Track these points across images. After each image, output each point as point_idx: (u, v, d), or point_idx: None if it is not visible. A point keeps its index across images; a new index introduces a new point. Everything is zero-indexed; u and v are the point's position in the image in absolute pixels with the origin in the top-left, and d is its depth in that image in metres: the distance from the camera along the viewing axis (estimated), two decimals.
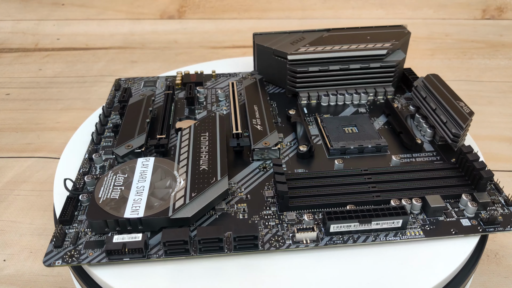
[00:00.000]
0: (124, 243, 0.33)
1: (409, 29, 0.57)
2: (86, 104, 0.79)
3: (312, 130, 0.47)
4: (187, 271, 0.33)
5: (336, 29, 0.57)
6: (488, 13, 1.09)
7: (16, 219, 0.55)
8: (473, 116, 0.43)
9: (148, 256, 0.33)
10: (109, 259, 0.33)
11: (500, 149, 0.65)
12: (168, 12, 1.12)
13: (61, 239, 0.35)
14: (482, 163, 0.37)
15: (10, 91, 0.84)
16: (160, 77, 0.60)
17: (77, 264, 0.33)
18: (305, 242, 0.34)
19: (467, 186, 0.38)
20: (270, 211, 0.37)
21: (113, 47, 1.01)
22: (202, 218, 0.37)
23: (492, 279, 0.46)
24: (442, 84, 0.47)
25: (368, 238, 0.35)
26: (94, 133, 0.46)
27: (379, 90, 0.52)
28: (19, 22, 1.09)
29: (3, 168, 0.63)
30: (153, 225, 0.35)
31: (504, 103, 0.76)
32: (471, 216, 0.36)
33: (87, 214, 0.35)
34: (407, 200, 0.37)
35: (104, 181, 0.38)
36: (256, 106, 0.49)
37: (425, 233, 0.35)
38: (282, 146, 0.45)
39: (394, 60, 0.52)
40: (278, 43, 0.54)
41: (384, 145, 0.44)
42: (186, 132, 0.45)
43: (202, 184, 0.37)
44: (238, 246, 0.33)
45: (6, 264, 0.49)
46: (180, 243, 0.33)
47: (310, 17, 1.10)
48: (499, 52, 0.95)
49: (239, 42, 1.02)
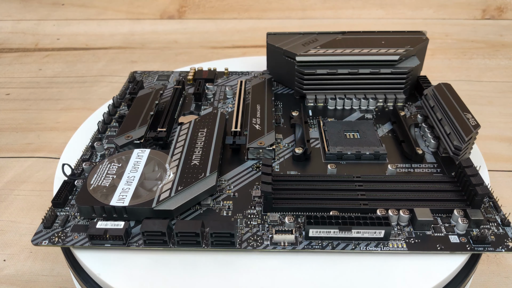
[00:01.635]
0: (106, 229, 0.34)
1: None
2: (86, 104, 0.79)
3: (313, 133, 0.47)
4: (164, 262, 0.34)
5: (352, 32, 0.56)
6: (488, 13, 1.09)
7: (16, 219, 0.55)
8: (478, 129, 0.41)
9: (128, 244, 0.34)
10: (92, 243, 0.34)
11: (500, 149, 0.65)
12: (168, 12, 1.12)
13: (51, 220, 0.36)
14: (480, 179, 0.36)
15: (10, 91, 0.84)
16: (174, 71, 0.61)
17: (62, 245, 0.34)
18: (283, 245, 0.34)
19: (462, 202, 0.36)
20: (255, 210, 0.37)
21: (113, 47, 1.01)
22: (187, 212, 0.37)
23: (492, 279, 0.46)
24: (452, 94, 0.46)
25: (348, 246, 0.34)
26: (100, 122, 0.48)
27: (389, 97, 0.51)
28: (19, 22, 1.09)
29: (3, 168, 0.63)
30: (137, 214, 0.36)
31: (504, 103, 0.76)
32: (461, 233, 0.35)
33: (76, 199, 0.36)
34: (394, 211, 0.35)
35: (98, 169, 0.40)
36: (259, 105, 0.49)
37: (408, 246, 0.34)
38: (280, 147, 0.45)
39: (407, 66, 0.50)
40: (290, 43, 0.54)
41: (383, 153, 0.42)
42: (186, 127, 0.45)
43: (190, 179, 0.38)
44: (215, 242, 0.34)
45: (6, 264, 0.49)
46: (158, 234, 0.33)
47: (310, 17, 1.10)
48: (499, 52, 0.95)
49: (239, 42, 1.02)
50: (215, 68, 0.59)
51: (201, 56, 0.95)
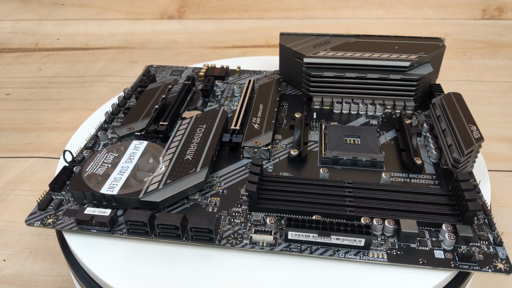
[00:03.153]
0: (93, 215, 0.36)
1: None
2: (86, 104, 0.79)
3: (313, 136, 0.46)
4: (145, 251, 0.35)
5: (366, 36, 0.55)
6: (488, 13, 1.09)
7: (16, 219, 0.55)
8: (481, 142, 0.39)
9: (113, 231, 0.36)
10: (79, 228, 0.36)
11: (500, 149, 0.65)
12: (168, 12, 1.12)
13: (46, 203, 0.38)
14: (473, 194, 0.34)
15: (10, 91, 0.84)
16: (188, 67, 0.62)
17: (52, 227, 0.36)
18: (261, 245, 0.34)
19: (454, 217, 0.35)
20: (240, 209, 0.38)
21: (113, 47, 1.01)
22: (174, 205, 0.38)
23: (492, 279, 0.46)
24: (460, 105, 0.44)
25: (327, 252, 0.34)
26: (107, 112, 0.49)
27: (398, 104, 0.50)
28: (19, 22, 1.09)
29: (3, 168, 0.63)
30: (125, 203, 0.37)
31: (504, 103, 0.76)
32: (448, 248, 0.33)
33: (70, 184, 0.38)
34: (379, 220, 0.34)
35: (96, 157, 0.41)
36: (262, 105, 0.49)
37: (389, 257, 0.33)
38: (277, 148, 0.45)
39: (418, 73, 0.49)
40: (301, 44, 0.53)
41: (380, 161, 0.41)
42: (186, 122, 0.46)
43: (180, 173, 0.39)
44: (194, 237, 0.34)
45: (6, 264, 0.49)
46: (140, 224, 0.34)
47: (310, 17, 1.10)
48: (499, 52, 0.95)
49: (239, 42, 1.02)
50: (227, 66, 0.60)
51: (201, 56, 0.95)
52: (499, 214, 0.53)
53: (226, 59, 0.65)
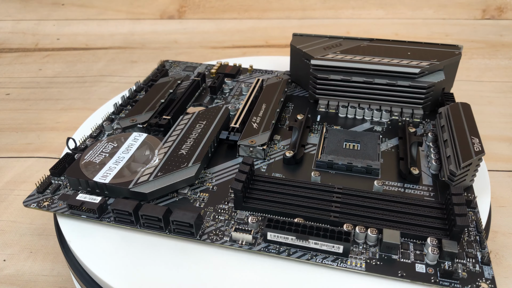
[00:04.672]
0: (83, 201, 0.37)
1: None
2: (86, 104, 0.79)
3: (313, 138, 0.46)
4: (130, 240, 0.36)
5: (380, 40, 0.54)
6: (488, 13, 1.09)
7: (16, 219, 0.55)
8: (482, 155, 0.37)
9: (101, 218, 0.37)
10: (71, 212, 0.38)
11: (500, 149, 0.65)
12: (168, 12, 1.12)
13: (45, 187, 0.40)
14: (464, 209, 0.33)
15: (10, 91, 0.84)
16: (202, 64, 0.62)
17: (46, 210, 0.38)
18: (241, 243, 0.34)
19: (442, 231, 0.34)
20: (226, 206, 0.38)
21: (113, 47, 1.01)
22: (164, 198, 0.39)
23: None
24: (467, 116, 0.43)
25: (305, 255, 0.33)
26: (116, 104, 0.51)
27: (406, 111, 0.48)
28: (19, 22, 1.09)
29: (3, 168, 0.63)
30: (116, 192, 0.38)
31: (504, 103, 0.76)
32: (431, 263, 0.32)
33: (66, 171, 0.40)
34: (362, 229, 0.34)
35: (96, 146, 0.42)
36: (265, 105, 0.49)
37: (367, 267, 0.32)
38: (275, 148, 0.45)
39: (428, 81, 0.47)
40: (311, 46, 0.53)
41: (376, 168, 0.40)
42: (188, 117, 0.46)
43: (172, 167, 0.39)
44: (176, 230, 0.35)
45: (6, 264, 0.49)
46: (125, 213, 0.36)
47: (310, 17, 1.10)
48: (499, 52, 0.95)
49: (239, 42, 1.02)
50: (240, 64, 0.60)
51: (201, 56, 0.95)
52: (499, 214, 0.53)
53: (240, 58, 0.65)
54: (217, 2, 1.14)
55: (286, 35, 1.03)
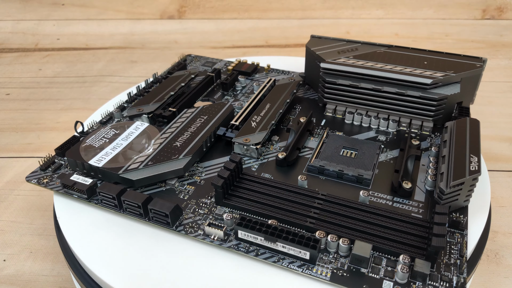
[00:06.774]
0: (76, 182, 0.39)
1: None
2: (86, 104, 0.79)
3: (312, 142, 0.46)
4: (113, 222, 0.38)
5: (398, 47, 0.52)
6: (488, 13, 1.09)
7: (16, 219, 0.55)
8: (477, 175, 0.35)
9: (90, 200, 0.39)
10: (64, 191, 0.40)
11: (500, 149, 0.65)
12: (168, 12, 1.12)
13: (48, 165, 0.43)
14: (443, 230, 0.31)
15: (10, 91, 0.84)
16: (222, 60, 0.63)
17: (44, 186, 0.41)
18: (213, 238, 0.35)
19: (420, 250, 0.32)
20: (209, 200, 0.38)
21: (113, 47, 1.01)
22: (151, 187, 0.40)
23: (492, 279, 0.46)
24: (472, 132, 0.40)
25: (272, 257, 0.33)
26: (130, 93, 0.52)
27: (415, 123, 0.46)
28: (19, 22, 1.09)
29: (3, 168, 0.63)
30: (108, 176, 0.40)
31: (504, 103, 0.76)
32: (400, 281, 0.31)
33: (67, 152, 0.42)
34: (334, 237, 0.33)
35: (99, 131, 0.44)
36: (269, 104, 0.49)
37: (332, 277, 0.31)
38: (271, 149, 0.45)
39: (440, 93, 0.45)
40: (326, 49, 0.52)
41: (367, 178, 0.39)
42: (191, 111, 0.47)
43: (163, 157, 0.40)
44: (154, 218, 0.36)
45: (6, 264, 0.49)
46: (110, 197, 0.37)
47: (310, 17, 1.10)
48: (499, 52, 0.95)
49: (239, 42, 1.02)
50: (258, 63, 0.60)
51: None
52: (499, 214, 0.53)
53: (261, 56, 0.65)
54: (217, 2, 1.14)
55: (286, 35, 1.03)
